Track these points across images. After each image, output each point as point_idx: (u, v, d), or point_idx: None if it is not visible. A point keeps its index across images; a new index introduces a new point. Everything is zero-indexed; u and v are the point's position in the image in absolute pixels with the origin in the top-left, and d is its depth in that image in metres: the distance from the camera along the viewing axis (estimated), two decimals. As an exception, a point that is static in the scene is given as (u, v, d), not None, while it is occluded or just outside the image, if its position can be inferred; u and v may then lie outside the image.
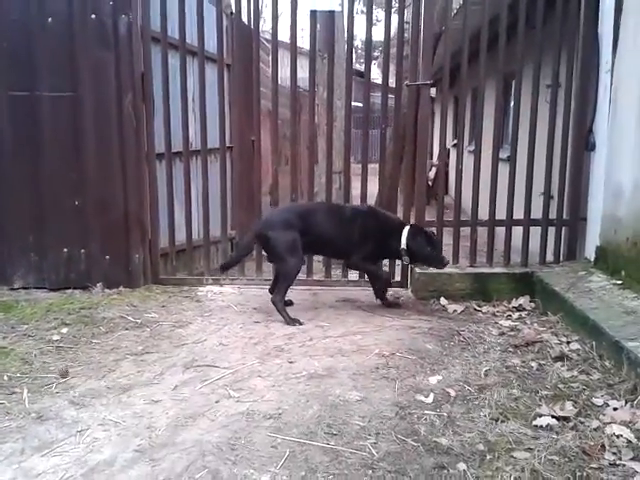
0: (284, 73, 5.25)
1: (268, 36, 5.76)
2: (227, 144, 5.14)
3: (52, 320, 3.90)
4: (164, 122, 4.66)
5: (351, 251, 4.23)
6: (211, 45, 4.88)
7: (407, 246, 4.14)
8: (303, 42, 5.66)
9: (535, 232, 4.66)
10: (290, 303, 4.31)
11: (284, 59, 4.81)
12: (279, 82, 4.81)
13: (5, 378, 3.02)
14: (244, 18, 4.82)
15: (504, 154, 4.89)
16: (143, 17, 4.56)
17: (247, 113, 5.16)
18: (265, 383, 3.01)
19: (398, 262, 4.66)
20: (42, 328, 3.77)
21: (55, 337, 3.62)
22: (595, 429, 2.51)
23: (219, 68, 4.75)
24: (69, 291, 4.54)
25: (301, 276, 4.87)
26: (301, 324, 3.93)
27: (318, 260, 5.28)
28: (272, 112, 4.81)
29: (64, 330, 3.73)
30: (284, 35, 4.83)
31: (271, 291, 4.21)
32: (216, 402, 2.80)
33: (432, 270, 4.47)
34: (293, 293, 4.61)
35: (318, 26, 4.75)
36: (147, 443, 2.45)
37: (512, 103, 4.82)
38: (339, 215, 4.27)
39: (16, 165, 4.57)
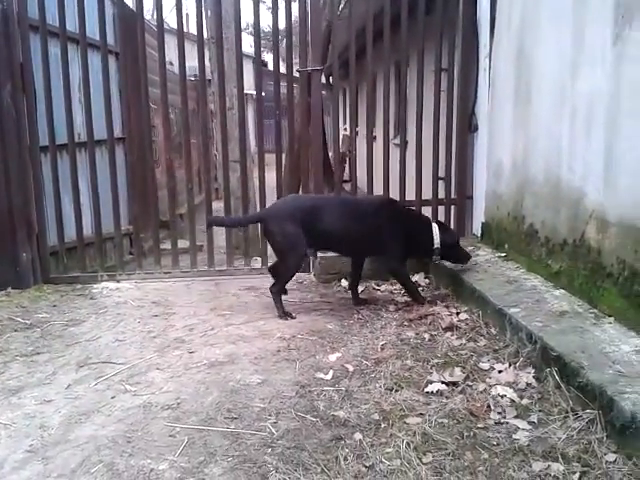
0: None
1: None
2: (119, 135, 4.98)
3: None
4: (46, 113, 4.44)
5: (380, 250, 4.00)
6: (95, 32, 4.69)
7: (441, 244, 3.96)
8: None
9: (427, 212, 4.86)
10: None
11: (171, 45, 4.72)
12: (169, 69, 4.71)
13: None
14: (129, 2, 4.67)
15: (397, 139, 5.06)
16: (19, 4, 4.32)
17: (138, 102, 5.01)
18: (163, 375, 2.97)
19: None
20: None
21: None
22: (482, 391, 2.69)
23: (103, 56, 4.57)
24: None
25: (202, 267, 4.83)
26: (293, 318, 3.80)
27: (222, 251, 5.23)
28: (162, 101, 4.70)
29: (-55, 335, 3.49)
30: (173, 21, 4.70)
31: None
32: (112, 398, 2.74)
33: (332, 253, 4.57)
34: (195, 284, 4.57)
35: (208, 12, 4.70)
36: (39, 443, 2.36)
37: (399, 90, 5.00)
38: (356, 210, 4.02)
39: None
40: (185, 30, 4.82)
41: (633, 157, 2.78)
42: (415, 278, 4.44)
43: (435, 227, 4.00)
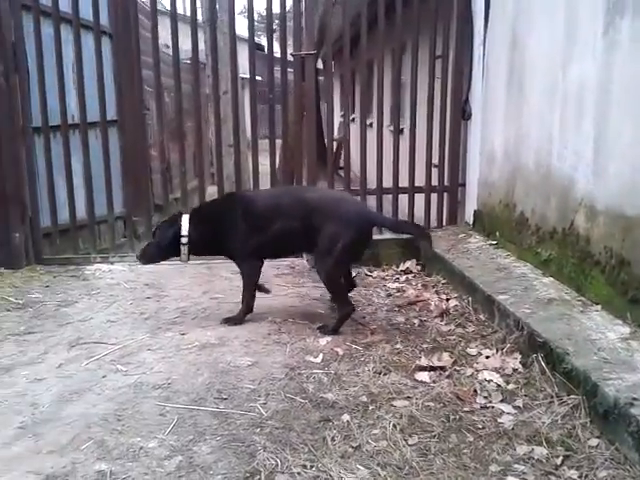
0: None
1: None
2: (113, 117, 4.96)
3: None
4: (39, 94, 4.42)
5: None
6: (89, 13, 4.65)
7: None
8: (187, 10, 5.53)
9: (420, 199, 4.89)
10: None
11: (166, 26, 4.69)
12: (164, 51, 4.69)
13: None
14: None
15: (392, 126, 5.06)
16: (11, -18, 4.28)
17: (132, 84, 4.98)
18: (155, 356, 2.99)
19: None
20: None
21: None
22: (469, 376, 2.73)
23: (96, 36, 4.54)
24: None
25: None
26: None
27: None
28: (155, 84, 4.69)
29: (-64, 314, 3.51)
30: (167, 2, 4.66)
31: None
32: (103, 377, 2.76)
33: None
34: (187, 267, 4.57)
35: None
36: (30, 420, 2.39)
37: (394, 76, 4.99)
38: None
39: None
40: (180, 12, 4.80)
41: (621, 146, 2.80)
42: (407, 265, 4.48)
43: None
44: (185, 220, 3.42)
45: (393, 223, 3.86)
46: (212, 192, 5.29)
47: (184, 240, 3.39)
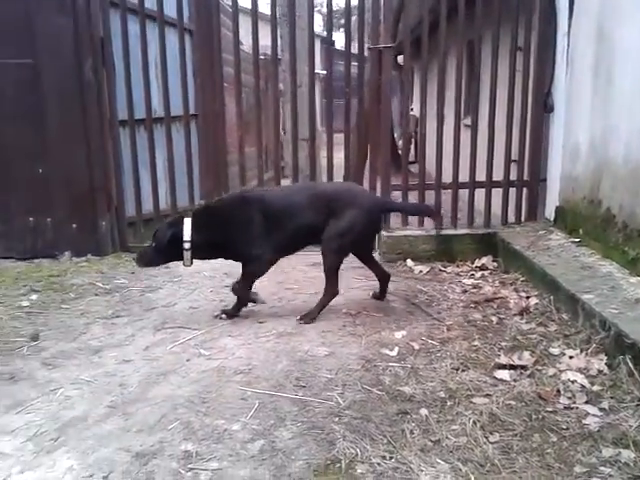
0: (249, 40, 5.21)
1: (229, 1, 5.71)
2: (192, 112, 5.11)
3: (21, 287, 3.91)
4: (126, 88, 4.60)
5: None
6: (173, 10, 4.81)
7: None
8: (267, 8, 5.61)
9: (497, 194, 4.78)
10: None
11: (249, 25, 4.78)
12: (244, 48, 4.78)
13: (-27, 343, 3.04)
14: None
15: (467, 119, 4.97)
16: (101, -19, 4.48)
17: (211, 80, 5.13)
18: (235, 342, 3.08)
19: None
20: (11, 295, 3.77)
21: (24, 303, 3.62)
22: (551, 376, 2.65)
23: (179, 34, 4.69)
24: (37, 260, 4.52)
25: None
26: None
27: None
28: (235, 80, 4.79)
29: (33, 297, 3.74)
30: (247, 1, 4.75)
31: None
32: (187, 360, 2.87)
33: (399, 233, 4.58)
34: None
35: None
36: (119, 399, 2.51)
37: (470, 69, 4.89)
38: None
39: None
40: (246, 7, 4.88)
41: None
42: (483, 261, 4.39)
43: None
44: (187, 224, 3.31)
45: (402, 206, 4.24)
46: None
47: (187, 246, 3.29)
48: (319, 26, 16.51)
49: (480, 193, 4.78)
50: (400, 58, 8.57)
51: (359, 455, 2.10)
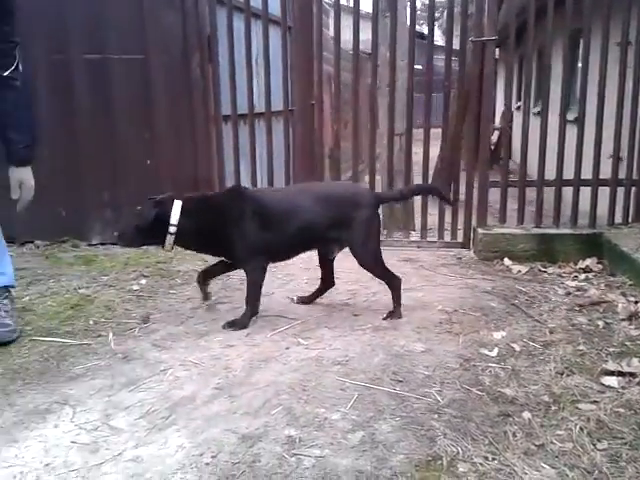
0: (344, 35, 5.26)
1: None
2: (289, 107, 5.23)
3: (131, 272, 4.16)
4: (230, 84, 4.77)
5: None
6: (275, 8, 4.92)
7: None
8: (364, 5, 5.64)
9: (603, 193, 4.56)
10: None
11: (344, 21, 4.84)
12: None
13: (91, 323, 3.26)
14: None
15: (572, 115, 4.76)
16: (207, -21, 4.65)
17: (308, 76, 5.23)
18: (332, 333, 3.13)
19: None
20: (122, 279, 4.02)
21: (135, 287, 3.85)
22: (663, 385, 2.52)
23: (283, 31, 4.79)
24: (144, 247, 4.76)
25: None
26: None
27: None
28: (335, 75, 4.85)
29: (143, 281, 3.97)
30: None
31: None
32: (286, 348, 2.95)
33: (496, 230, 4.48)
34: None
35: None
36: (225, 382, 2.62)
37: (580, 62, 4.68)
38: None
39: (92, 125, 4.79)
40: (344, 3, 4.91)
41: None
42: (587, 263, 4.20)
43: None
44: (177, 207, 3.09)
45: (398, 194, 3.90)
46: (378, 180, 5.34)
47: (172, 229, 3.08)
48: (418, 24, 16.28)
49: (585, 192, 4.58)
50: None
51: (460, 454, 2.08)
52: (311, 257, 4.36)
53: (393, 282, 3.43)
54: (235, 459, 2.06)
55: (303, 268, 4.29)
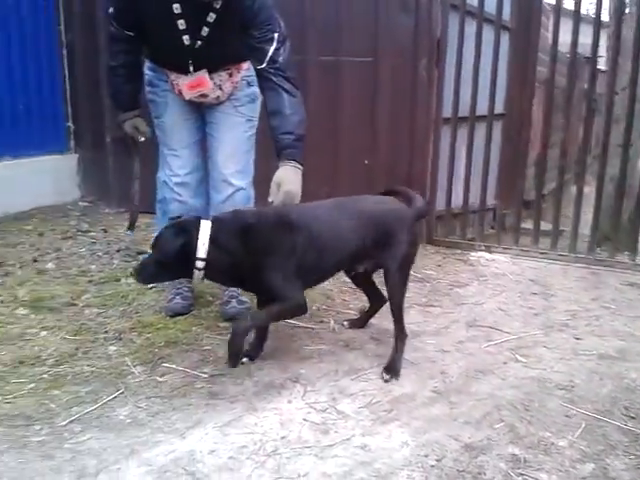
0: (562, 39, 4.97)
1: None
2: (500, 111, 5.12)
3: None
4: (454, 89, 4.76)
5: None
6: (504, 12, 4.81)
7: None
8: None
9: None
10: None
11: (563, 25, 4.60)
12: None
13: (314, 308, 3.47)
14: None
15: None
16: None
17: (524, 79, 5.04)
18: (552, 355, 3.00)
19: None
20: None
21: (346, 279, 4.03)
22: None
23: (512, 35, 4.68)
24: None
25: (581, 254, 4.60)
26: None
27: (584, 239, 4.94)
28: (549, 78, 4.67)
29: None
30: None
31: None
32: (503, 363, 2.89)
33: None
34: (570, 269, 4.43)
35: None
36: (443, 387, 2.64)
37: None
38: None
39: (318, 123, 5.07)
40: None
41: None
42: None
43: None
44: (204, 234, 2.46)
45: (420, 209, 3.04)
46: (587, 192, 4.98)
47: (200, 265, 2.46)
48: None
49: None
50: None
51: None
52: (527, 272, 4.22)
53: (404, 331, 2.90)
54: (459, 467, 2.08)
55: (514, 280, 4.16)
